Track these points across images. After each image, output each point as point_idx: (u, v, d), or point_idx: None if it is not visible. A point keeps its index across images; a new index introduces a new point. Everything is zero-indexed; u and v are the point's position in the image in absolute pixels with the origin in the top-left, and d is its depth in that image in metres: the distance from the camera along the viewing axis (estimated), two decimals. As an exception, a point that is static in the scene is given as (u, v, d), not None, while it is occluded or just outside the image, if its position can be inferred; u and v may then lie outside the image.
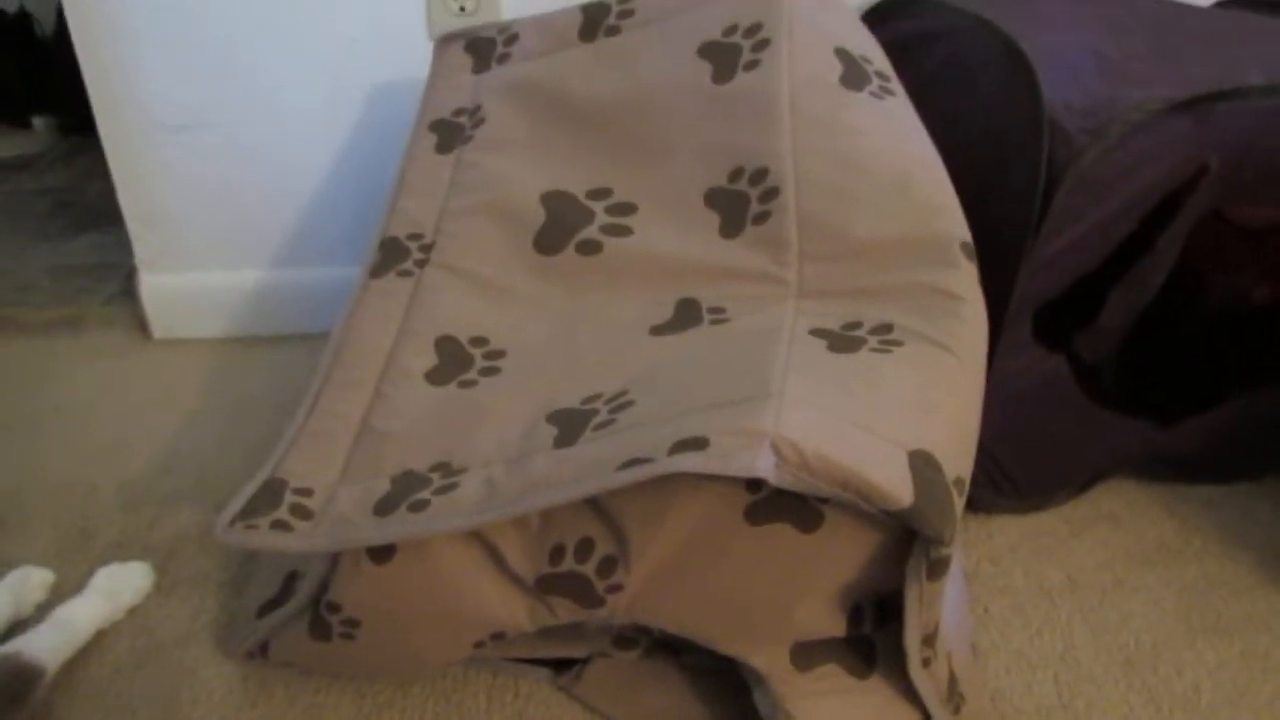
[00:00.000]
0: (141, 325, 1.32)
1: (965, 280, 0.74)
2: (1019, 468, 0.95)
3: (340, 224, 1.27)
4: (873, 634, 0.70)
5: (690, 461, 0.56)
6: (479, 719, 0.78)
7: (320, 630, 0.70)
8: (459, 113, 0.88)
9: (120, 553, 0.94)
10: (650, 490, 0.60)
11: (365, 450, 0.68)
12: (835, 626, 0.68)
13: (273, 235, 1.28)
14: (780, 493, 0.60)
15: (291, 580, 0.76)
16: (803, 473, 0.57)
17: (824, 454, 0.57)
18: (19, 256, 1.50)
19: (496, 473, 0.63)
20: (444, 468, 0.65)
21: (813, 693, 0.69)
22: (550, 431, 0.65)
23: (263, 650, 0.78)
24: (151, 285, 1.29)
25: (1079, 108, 0.81)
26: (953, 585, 0.80)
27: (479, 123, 0.87)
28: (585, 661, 0.79)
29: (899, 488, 0.58)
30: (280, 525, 0.63)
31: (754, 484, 0.61)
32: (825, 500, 0.61)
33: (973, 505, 0.98)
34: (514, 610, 0.68)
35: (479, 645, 0.71)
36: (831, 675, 0.69)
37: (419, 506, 0.62)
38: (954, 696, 0.71)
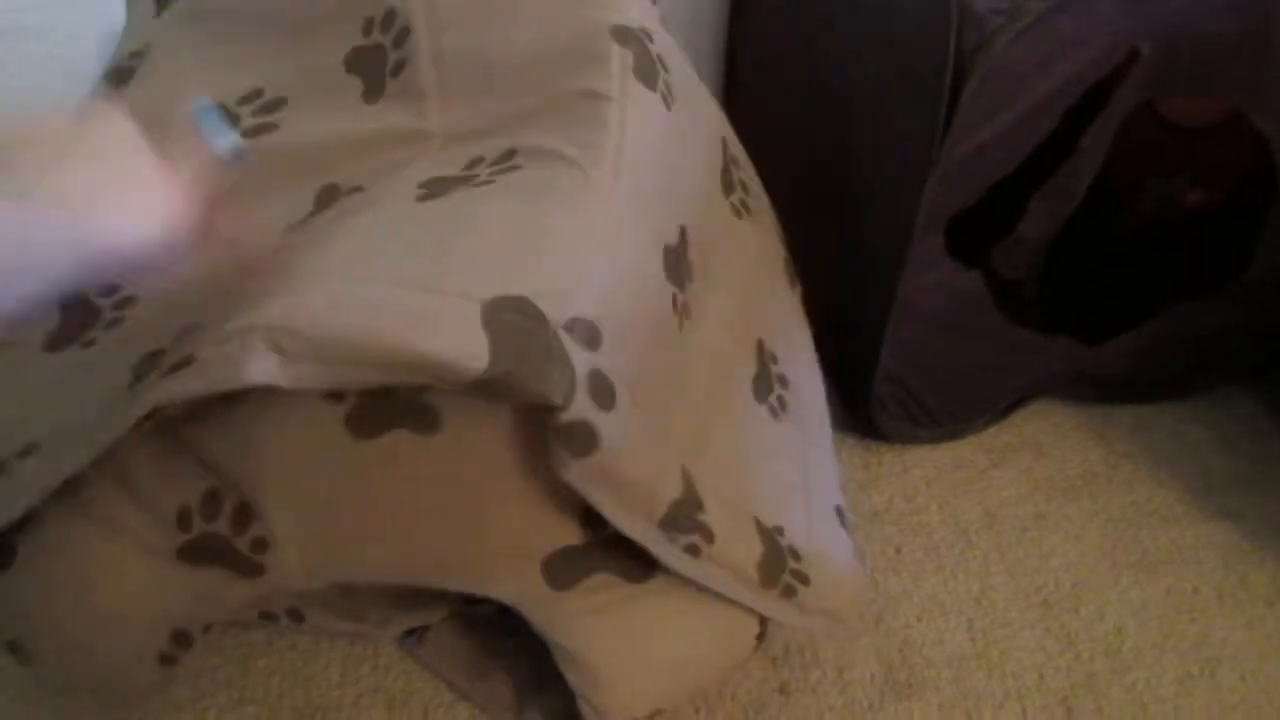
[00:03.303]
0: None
1: (615, 74, 0.62)
2: (934, 396, 0.87)
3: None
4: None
5: (171, 387, 0.46)
6: (330, 694, 0.70)
7: None
8: (134, 56, 0.76)
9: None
10: (230, 424, 0.51)
11: None
12: (565, 535, 0.56)
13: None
14: (367, 394, 0.50)
15: None
16: (319, 365, 0.46)
17: (339, 335, 0.47)
18: None
19: (56, 443, 0.53)
20: (33, 448, 0.54)
21: (584, 611, 0.58)
22: (128, 380, 0.55)
23: None
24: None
25: (992, -13, 0.71)
26: (790, 438, 0.70)
27: (144, 59, 0.76)
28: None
29: (463, 352, 0.47)
30: None
31: (333, 392, 0.51)
32: (426, 390, 0.51)
33: (887, 438, 0.90)
34: (177, 595, 0.57)
35: (167, 660, 0.59)
36: (603, 586, 0.58)
37: None
38: (779, 578, 0.60)
